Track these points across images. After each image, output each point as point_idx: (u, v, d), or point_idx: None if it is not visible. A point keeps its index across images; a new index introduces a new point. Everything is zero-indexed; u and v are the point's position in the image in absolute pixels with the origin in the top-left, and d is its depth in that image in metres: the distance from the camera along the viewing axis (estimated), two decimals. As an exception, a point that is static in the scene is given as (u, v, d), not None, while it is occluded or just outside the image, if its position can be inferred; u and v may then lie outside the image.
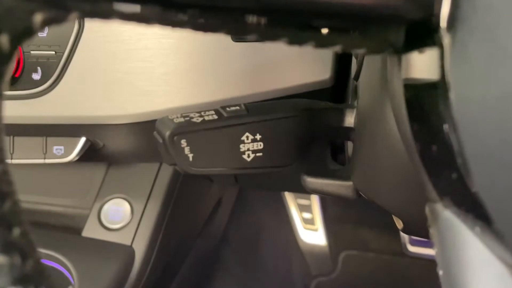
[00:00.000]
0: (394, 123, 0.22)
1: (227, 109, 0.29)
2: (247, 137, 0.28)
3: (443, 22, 0.14)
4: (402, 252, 0.96)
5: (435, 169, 0.18)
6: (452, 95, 0.14)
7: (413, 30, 0.17)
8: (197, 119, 0.28)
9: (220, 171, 0.29)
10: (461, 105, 0.14)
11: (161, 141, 0.28)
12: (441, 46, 0.15)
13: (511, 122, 0.13)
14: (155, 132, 0.29)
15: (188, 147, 0.27)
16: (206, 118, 0.28)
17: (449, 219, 0.19)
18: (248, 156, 0.29)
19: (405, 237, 0.96)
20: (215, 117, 0.28)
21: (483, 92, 0.13)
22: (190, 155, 0.27)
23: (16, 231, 0.14)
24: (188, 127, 0.27)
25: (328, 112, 0.32)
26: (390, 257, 1.01)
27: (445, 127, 0.15)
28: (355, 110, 0.32)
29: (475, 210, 0.16)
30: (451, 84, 0.14)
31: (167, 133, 0.27)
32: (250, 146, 0.29)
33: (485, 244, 0.17)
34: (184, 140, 0.27)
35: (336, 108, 0.33)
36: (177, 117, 0.28)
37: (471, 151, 0.14)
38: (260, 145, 0.29)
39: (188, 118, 0.28)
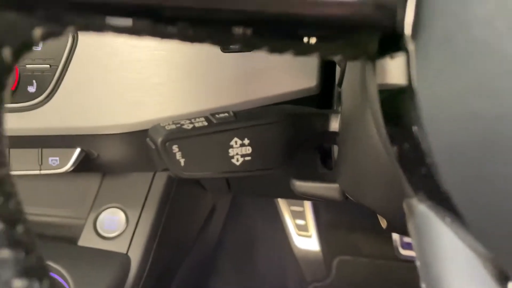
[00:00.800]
0: (374, 126, 0.24)
1: (216, 115, 0.30)
2: (236, 142, 0.30)
3: (408, 30, 0.16)
4: (394, 255, 0.97)
5: (409, 167, 0.19)
6: (418, 98, 0.16)
7: (385, 37, 0.18)
8: (188, 126, 0.29)
9: (211, 175, 0.30)
10: (426, 107, 0.15)
11: (154, 147, 0.29)
12: (407, 52, 0.16)
13: (469, 121, 0.14)
14: (147, 139, 0.30)
15: (180, 153, 0.28)
16: (197, 124, 0.29)
17: (423, 212, 0.20)
18: (237, 160, 0.30)
19: (397, 241, 0.97)
20: (205, 123, 0.30)
21: (444, 94, 0.14)
22: (182, 160, 0.29)
23: (20, 228, 0.15)
24: (179, 133, 0.29)
25: (313, 117, 0.34)
26: (383, 261, 1.02)
27: (415, 128, 0.17)
28: (339, 115, 0.33)
29: (444, 203, 0.18)
30: (417, 87, 0.16)
31: (160, 140, 0.28)
32: (239, 150, 0.30)
33: (456, 234, 0.18)
34: (176, 146, 0.28)
35: (321, 114, 0.34)
36: (169, 124, 0.29)
37: (437, 149, 0.16)
38: (248, 149, 0.30)
39: (179, 125, 0.29)
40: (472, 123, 0.14)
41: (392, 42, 0.18)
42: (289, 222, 1.08)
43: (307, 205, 1.04)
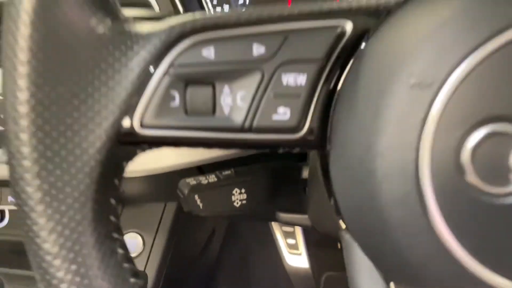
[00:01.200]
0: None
1: (223, 173, 0.44)
2: (236, 191, 0.43)
3: (328, 145, 0.29)
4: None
5: (337, 209, 0.33)
6: (331, 173, 0.29)
7: None
8: (204, 181, 0.42)
9: (219, 214, 0.43)
10: (334, 180, 0.29)
11: (182, 196, 0.42)
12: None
13: (350, 189, 0.27)
14: (178, 190, 0.44)
15: (199, 199, 0.42)
16: (210, 180, 0.43)
17: (348, 239, 0.33)
18: (237, 203, 0.44)
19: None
20: (215, 179, 0.43)
21: (339, 177, 0.28)
22: (201, 204, 0.42)
23: (132, 265, 0.28)
24: (198, 187, 0.42)
25: (290, 169, 0.48)
26: (365, 276, 1.11)
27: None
28: (308, 167, 0.47)
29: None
30: (330, 169, 0.29)
31: (186, 191, 0.42)
32: (238, 197, 0.44)
33: (363, 253, 0.32)
34: (197, 195, 0.42)
35: (295, 166, 0.48)
36: (192, 180, 0.43)
37: (341, 203, 0.29)
38: (244, 196, 0.44)
39: (198, 181, 0.43)
40: (351, 196, 0.27)
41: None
42: (281, 242, 1.16)
43: (297, 226, 1.14)
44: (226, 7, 0.63)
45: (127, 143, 0.27)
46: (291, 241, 1.14)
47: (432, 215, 0.22)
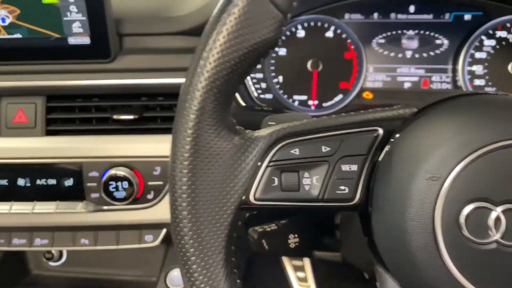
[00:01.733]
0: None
1: (281, 222, 0.58)
2: (291, 236, 0.58)
3: (370, 207, 0.44)
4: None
5: (374, 250, 0.47)
6: (373, 230, 0.44)
7: None
8: (268, 229, 0.57)
9: (278, 253, 0.58)
10: (376, 232, 0.43)
11: (252, 240, 0.57)
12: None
13: (388, 239, 0.42)
14: (248, 236, 0.58)
15: (265, 242, 0.56)
16: (272, 228, 0.57)
17: (381, 272, 0.48)
18: (292, 245, 0.58)
19: None
20: (276, 227, 0.57)
21: (381, 231, 0.42)
22: (266, 246, 0.56)
23: None
24: (264, 233, 0.56)
25: (326, 218, 0.62)
26: (371, 306, 1.23)
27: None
28: (340, 214, 0.62)
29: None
30: (373, 226, 0.44)
31: (256, 237, 0.56)
32: (293, 240, 0.58)
33: (393, 281, 0.46)
34: (264, 240, 0.56)
35: (330, 216, 0.63)
36: (259, 228, 0.57)
37: (380, 247, 0.44)
38: (297, 239, 0.58)
39: (264, 229, 0.57)
40: (389, 243, 0.42)
41: None
42: (291, 275, 1.29)
43: (306, 260, 1.26)
44: (268, 95, 0.79)
45: (244, 209, 0.41)
46: (301, 274, 1.27)
47: (444, 256, 0.37)
